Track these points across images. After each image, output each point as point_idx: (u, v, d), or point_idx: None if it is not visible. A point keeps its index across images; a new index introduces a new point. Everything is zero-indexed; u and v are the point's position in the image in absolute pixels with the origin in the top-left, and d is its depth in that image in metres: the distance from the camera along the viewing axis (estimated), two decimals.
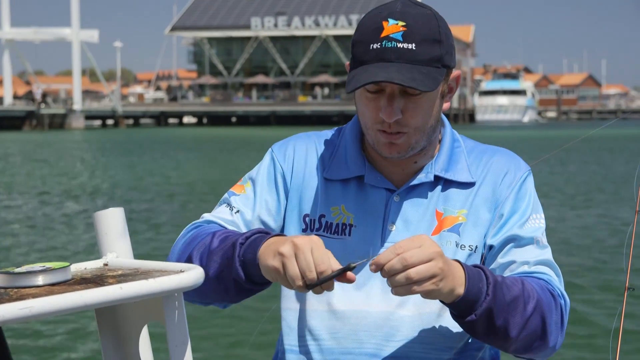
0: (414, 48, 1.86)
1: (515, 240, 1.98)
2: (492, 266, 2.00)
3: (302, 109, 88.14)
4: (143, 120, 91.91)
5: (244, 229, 2.03)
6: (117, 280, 1.66)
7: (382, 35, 1.87)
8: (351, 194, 2.04)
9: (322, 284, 1.70)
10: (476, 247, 2.00)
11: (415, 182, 2.02)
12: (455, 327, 1.96)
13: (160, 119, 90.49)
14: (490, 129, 66.12)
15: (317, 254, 1.70)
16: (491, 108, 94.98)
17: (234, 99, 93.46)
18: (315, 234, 2.02)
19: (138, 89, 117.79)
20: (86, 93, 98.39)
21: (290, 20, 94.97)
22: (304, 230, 2.05)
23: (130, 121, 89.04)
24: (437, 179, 2.03)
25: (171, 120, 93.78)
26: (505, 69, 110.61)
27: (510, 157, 2.09)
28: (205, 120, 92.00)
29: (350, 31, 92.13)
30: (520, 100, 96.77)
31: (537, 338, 1.86)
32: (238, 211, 2.06)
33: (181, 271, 1.70)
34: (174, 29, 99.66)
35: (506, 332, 1.82)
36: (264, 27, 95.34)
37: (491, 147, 2.13)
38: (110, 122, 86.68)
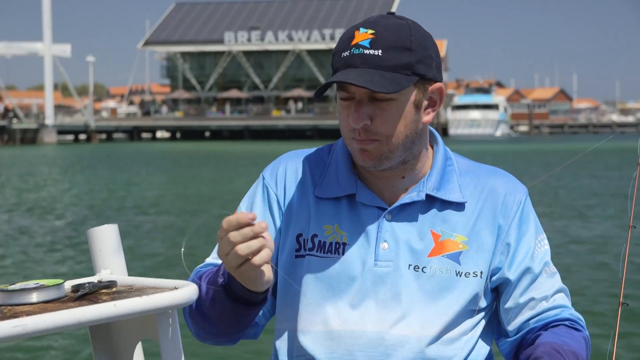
0: (380, 54, 1.88)
1: (530, 274, 2.02)
2: (511, 305, 2.03)
3: (275, 123, 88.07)
4: (116, 135, 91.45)
5: None
6: (111, 297, 1.66)
7: (352, 43, 1.91)
8: (344, 212, 2.03)
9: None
10: (481, 272, 2.00)
11: (406, 200, 2.01)
12: (452, 350, 1.96)
13: (134, 133, 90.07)
14: (463, 143, 66.33)
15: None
16: (464, 122, 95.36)
17: (208, 113, 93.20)
18: (308, 254, 2.02)
19: (111, 103, 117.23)
20: (58, 108, 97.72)
21: (263, 35, 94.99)
22: (298, 250, 2.04)
23: (103, 136, 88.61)
24: (431, 199, 2.02)
25: (144, 135, 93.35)
26: (478, 83, 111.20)
27: (508, 179, 2.09)
28: (178, 135, 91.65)
29: (323, 45, 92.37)
30: (492, 115, 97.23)
31: None
32: None
33: (175, 288, 1.70)
34: (146, 43, 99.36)
35: None
36: (237, 42, 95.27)
37: (486, 167, 2.12)
38: (82, 136, 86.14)
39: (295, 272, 2.03)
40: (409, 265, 1.98)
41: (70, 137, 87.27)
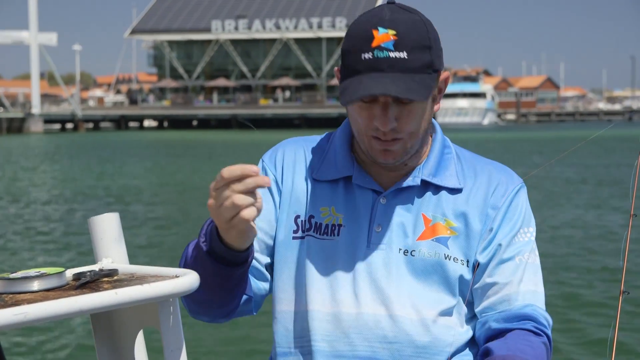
0: (406, 57, 1.86)
1: (499, 257, 2.01)
2: (478, 285, 2.01)
3: (263, 112, 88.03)
4: (103, 124, 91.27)
5: None
6: (113, 285, 1.65)
7: (374, 44, 1.87)
8: (340, 194, 2.05)
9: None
10: (468, 260, 2.01)
11: (402, 185, 2.02)
12: (449, 333, 1.98)
13: (121, 122, 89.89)
14: (450, 132, 66.45)
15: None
16: (451, 111, 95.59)
17: (195, 102, 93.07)
18: (306, 235, 2.04)
19: (98, 92, 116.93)
20: (45, 97, 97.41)
21: (250, 24, 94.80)
22: (295, 232, 2.05)
23: (90, 125, 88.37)
24: (426, 184, 2.04)
25: (131, 124, 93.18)
26: (465, 71, 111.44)
27: (503, 170, 2.10)
28: (166, 124, 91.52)
29: (311, 34, 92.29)
30: (480, 103, 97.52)
31: None
32: None
33: (176, 276, 1.69)
34: (133, 32, 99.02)
35: None
36: (224, 30, 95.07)
37: (484, 159, 2.14)
38: (69, 125, 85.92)
39: (292, 253, 2.04)
40: (399, 249, 1.99)
41: (57, 126, 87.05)
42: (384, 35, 1.87)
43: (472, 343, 2.05)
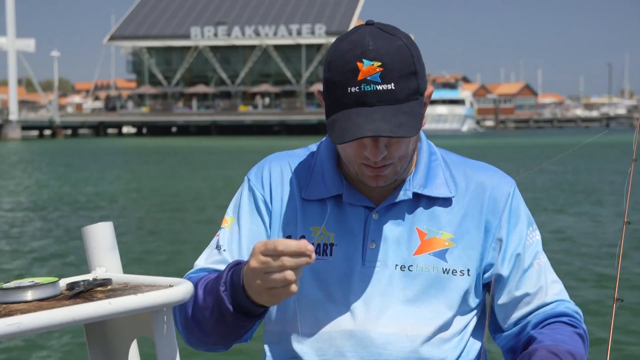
0: (393, 88, 1.84)
1: (521, 267, 2.02)
2: (505, 300, 2.03)
3: (242, 118, 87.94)
4: (81, 131, 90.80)
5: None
6: (106, 295, 1.65)
7: (360, 78, 1.84)
8: (330, 212, 2.02)
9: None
10: (468, 270, 1.99)
11: (394, 199, 2.00)
12: (443, 349, 1.97)
13: (99, 129, 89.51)
14: (430, 138, 66.20)
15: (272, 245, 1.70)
16: (430, 117, 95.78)
17: (174, 108, 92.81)
18: None
19: (76, 99, 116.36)
20: (23, 103, 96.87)
21: (230, 30, 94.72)
22: None
23: (69, 131, 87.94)
24: (417, 196, 2.02)
25: (110, 131, 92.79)
26: (444, 78, 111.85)
27: (494, 173, 2.09)
28: (144, 131, 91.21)
29: (290, 41, 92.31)
30: (459, 110, 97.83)
31: None
32: (225, 250, 2.05)
33: (170, 286, 1.68)
34: (112, 38, 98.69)
35: None
36: (203, 37, 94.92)
37: (473, 161, 2.12)
38: (47, 132, 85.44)
39: None
40: (396, 265, 1.98)
41: (35, 132, 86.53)
42: (369, 68, 1.84)
43: (472, 354, 2.04)
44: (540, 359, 1.88)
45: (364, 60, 1.84)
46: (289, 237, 2.02)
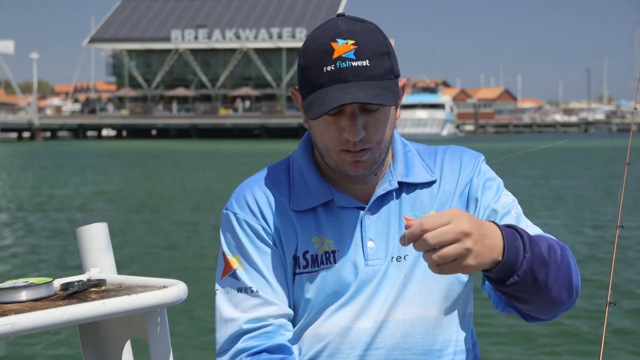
0: (368, 64, 1.87)
1: (499, 215, 2.03)
2: None
3: (223, 122, 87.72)
4: (61, 133, 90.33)
5: (275, 299, 1.99)
6: (100, 295, 1.65)
7: (334, 56, 1.87)
8: (324, 220, 2.03)
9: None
10: None
11: (381, 192, 2.03)
12: (433, 332, 2.00)
13: (79, 131, 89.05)
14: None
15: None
16: (410, 122, 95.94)
17: (154, 111, 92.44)
18: (303, 272, 2.01)
19: (55, 101, 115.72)
20: (1, 105, 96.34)
21: (210, 33, 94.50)
22: (294, 269, 2.02)
23: (48, 134, 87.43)
24: (401, 185, 2.05)
25: (90, 133, 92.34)
26: (424, 82, 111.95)
27: (461, 149, 2.15)
28: (124, 133, 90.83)
29: (271, 44, 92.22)
30: (439, 114, 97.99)
31: (568, 285, 1.90)
32: (258, 290, 1.99)
33: (164, 287, 1.69)
34: (92, 40, 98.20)
35: (547, 286, 1.83)
36: (184, 40, 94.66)
37: (439, 146, 2.18)
38: (26, 134, 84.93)
39: (296, 290, 2.03)
40: (392, 257, 2.01)
41: (14, 135, 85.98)
42: (343, 46, 1.87)
43: (471, 334, 2.09)
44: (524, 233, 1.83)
45: (338, 40, 1.88)
46: (293, 255, 2.02)
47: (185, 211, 19.24)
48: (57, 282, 1.74)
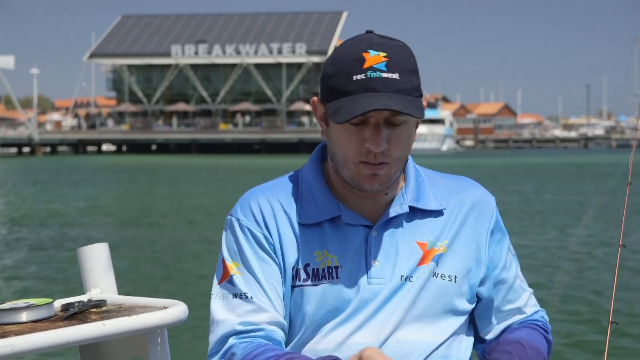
0: (398, 78, 1.89)
1: (506, 284, 2.11)
2: (487, 315, 2.13)
3: (223, 136, 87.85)
4: (60, 148, 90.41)
5: (270, 307, 1.99)
6: (101, 316, 1.65)
7: (365, 66, 1.89)
8: (329, 235, 2.03)
9: None
10: (455, 277, 2.03)
11: (392, 214, 2.03)
12: (433, 355, 2.00)
13: (79, 146, 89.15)
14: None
15: None
16: None
17: (154, 126, 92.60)
18: (303, 285, 2.01)
19: (55, 116, 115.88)
20: (1, 120, 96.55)
21: (211, 48, 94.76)
22: (293, 282, 2.02)
23: (48, 149, 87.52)
24: (412, 210, 2.06)
25: (90, 148, 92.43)
26: (424, 98, 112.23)
27: (477, 188, 2.15)
28: (124, 148, 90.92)
29: (271, 59, 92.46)
30: (438, 129, 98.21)
31: None
32: (252, 296, 1.99)
33: (164, 307, 1.69)
34: (92, 55, 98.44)
35: None
36: (184, 55, 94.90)
37: (453, 176, 2.18)
38: (26, 149, 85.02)
39: (295, 302, 2.02)
40: (401, 276, 2.01)
41: (14, 150, 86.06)
42: (375, 57, 1.89)
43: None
44: (508, 344, 2.03)
45: (370, 51, 1.90)
46: (293, 267, 2.02)
47: (187, 227, 19.22)
48: (58, 303, 1.73)
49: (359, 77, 1.88)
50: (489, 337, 2.12)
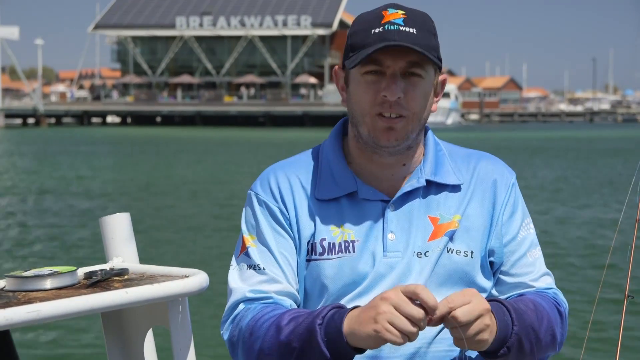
0: (415, 32, 1.94)
1: (515, 257, 2.10)
2: (498, 287, 2.11)
3: (227, 109, 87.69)
4: (65, 120, 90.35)
5: (282, 278, 2.02)
6: (123, 284, 1.67)
7: (384, 21, 1.95)
8: (346, 210, 2.05)
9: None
10: (472, 252, 2.05)
11: (408, 188, 2.05)
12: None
13: (83, 118, 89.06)
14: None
15: (408, 309, 1.74)
16: None
17: (159, 98, 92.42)
18: (319, 258, 2.03)
19: (60, 87, 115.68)
20: (6, 91, 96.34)
21: (215, 20, 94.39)
22: (308, 255, 2.05)
23: (52, 120, 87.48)
24: (429, 184, 2.07)
25: (94, 120, 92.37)
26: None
27: (497, 163, 2.15)
28: (129, 120, 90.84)
29: (276, 32, 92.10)
30: (443, 103, 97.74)
31: (550, 347, 2.01)
32: (265, 267, 2.03)
33: (186, 276, 1.71)
34: (97, 27, 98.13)
35: (532, 352, 1.95)
36: (189, 27, 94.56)
37: (474, 151, 2.18)
38: (31, 120, 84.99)
39: (310, 276, 2.05)
40: (414, 252, 2.02)
41: (19, 121, 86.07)
42: (393, 14, 1.96)
43: None
44: (521, 301, 2.00)
45: (389, 9, 1.98)
46: (308, 241, 2.05)
47: (211, 198, 19.24)
48: (81, 271, 1.76)
49: (376, 30, 1.95)
50: None
